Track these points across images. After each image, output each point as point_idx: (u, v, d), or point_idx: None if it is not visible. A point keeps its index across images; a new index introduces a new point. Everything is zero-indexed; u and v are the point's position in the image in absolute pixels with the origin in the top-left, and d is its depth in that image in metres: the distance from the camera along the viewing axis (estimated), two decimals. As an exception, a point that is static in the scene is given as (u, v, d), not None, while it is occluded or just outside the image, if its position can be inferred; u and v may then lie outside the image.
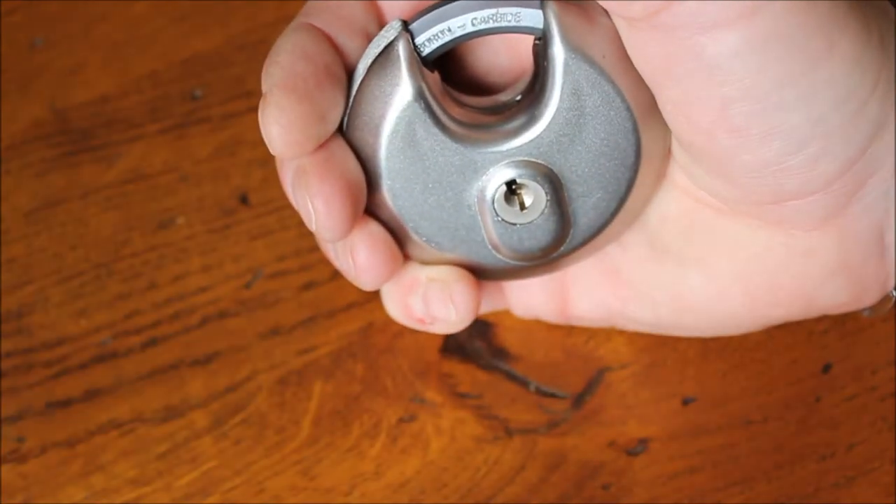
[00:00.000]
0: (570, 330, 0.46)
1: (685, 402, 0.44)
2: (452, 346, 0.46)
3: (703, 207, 0.41)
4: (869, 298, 0.41)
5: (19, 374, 0.46)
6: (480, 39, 0.41)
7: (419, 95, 0.39)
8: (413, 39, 0.39)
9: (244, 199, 0.49)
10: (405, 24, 0.39)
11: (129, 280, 0.48)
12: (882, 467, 0.43)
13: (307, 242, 0.48)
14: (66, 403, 0.45)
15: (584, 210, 0.40)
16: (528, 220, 0.40)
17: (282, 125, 0.38)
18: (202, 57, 0.53)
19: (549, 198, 0.40)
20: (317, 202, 0.39)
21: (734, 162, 0.38)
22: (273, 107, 0.38)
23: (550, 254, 0.41)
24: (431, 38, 0.39)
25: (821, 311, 0.42)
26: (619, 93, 0.39)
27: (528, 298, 0.44)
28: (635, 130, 0.39)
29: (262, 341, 0.46)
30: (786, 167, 0.37)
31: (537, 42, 0.39)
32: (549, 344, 0.46)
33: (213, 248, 0.48)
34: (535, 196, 0.40)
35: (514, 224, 0.40)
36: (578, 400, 0.45)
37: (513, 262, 0.41)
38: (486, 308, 0.45)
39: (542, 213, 0.40)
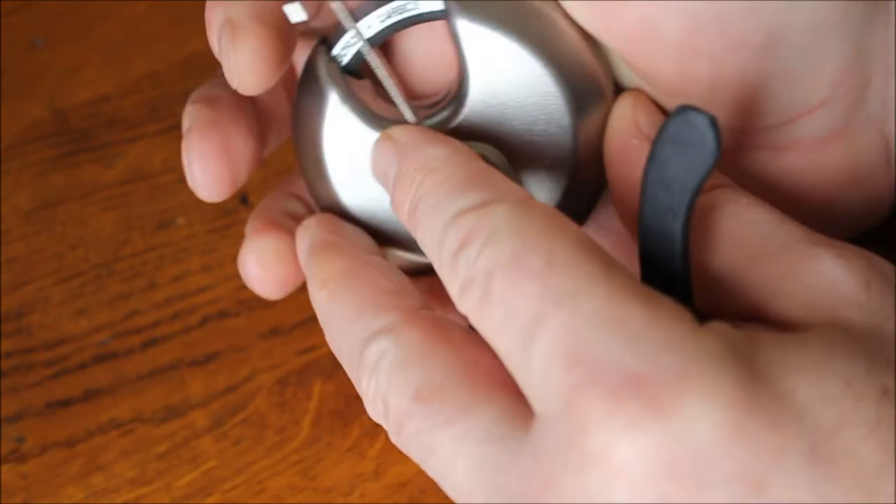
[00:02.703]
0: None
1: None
2: (452, 346, 0.46)
3: None
4: (884, 210, 0.41)
5: (19, 374, 0.46)
6: (411, 44, 0.40)
7: (344, 100, 0.38)
8: (330, 51, 0.39)
9: (244, 200, 0.49)
10: (322, 40, 0.39)
11: (129, 280, 0.48)
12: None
13: (307, 242, 0.48)
14: (66, 403, 0.45)
15: (537, 183, 0.39)
16: None
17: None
18: (202, 57, 0.53)
19: None
20: (242, 56, 0.38)
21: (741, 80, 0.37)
22: None
23: None
24: (346, 45, 0.39)
25: (841, 231, 0.41)
26: (530, 51, 0.38)
27: None
28: (559, 85, 0.38)
29: (262, 341, 0.46)
30: (789, 71, 0.37)
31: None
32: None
33: (213, 248, 0.48)
34: None
35: None
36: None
37: None
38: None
39: None
